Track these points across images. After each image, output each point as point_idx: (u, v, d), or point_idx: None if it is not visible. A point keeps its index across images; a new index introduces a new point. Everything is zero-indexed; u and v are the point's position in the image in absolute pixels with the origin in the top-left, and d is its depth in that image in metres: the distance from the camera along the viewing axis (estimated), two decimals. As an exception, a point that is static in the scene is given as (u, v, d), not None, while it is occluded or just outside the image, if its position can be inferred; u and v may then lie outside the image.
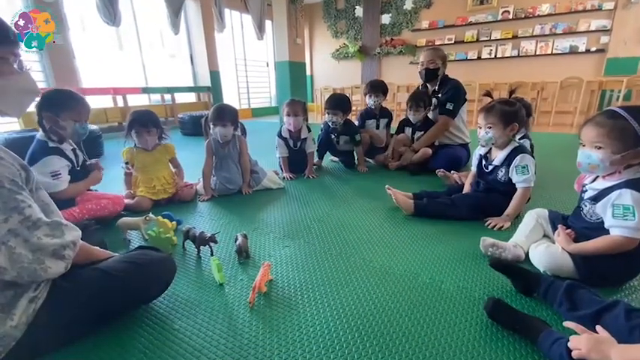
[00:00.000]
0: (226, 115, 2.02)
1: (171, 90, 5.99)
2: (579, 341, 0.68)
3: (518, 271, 1.05)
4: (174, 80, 6.40)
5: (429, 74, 2.49)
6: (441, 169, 2.19)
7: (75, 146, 1.67)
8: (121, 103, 5.21)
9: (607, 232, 1.01)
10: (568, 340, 0.72)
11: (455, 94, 2.45)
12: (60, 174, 1.51)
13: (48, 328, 0.79)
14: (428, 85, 2.59)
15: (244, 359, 0.82)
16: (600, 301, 0.84)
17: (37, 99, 1.26)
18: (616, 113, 0.95)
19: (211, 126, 2.04)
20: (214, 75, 6.76)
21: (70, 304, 0.82)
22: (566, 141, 3.69)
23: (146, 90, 5.77)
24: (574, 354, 0.68)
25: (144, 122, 1.87)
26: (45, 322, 0.77)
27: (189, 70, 6.81)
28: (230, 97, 7.41)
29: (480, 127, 1.56)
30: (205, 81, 6.73)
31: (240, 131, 2.18)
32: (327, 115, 2.58)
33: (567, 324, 0.76)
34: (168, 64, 6.47)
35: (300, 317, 0.97)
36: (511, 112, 1.49)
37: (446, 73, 2.53)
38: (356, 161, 2.77)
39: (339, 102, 2.56)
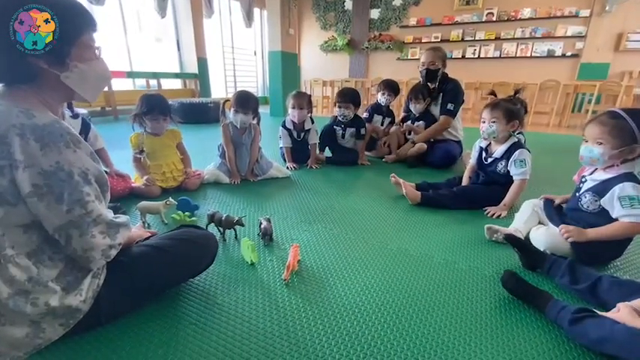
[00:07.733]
0: (251, 104, 2.10)
1: (157, 75, 5.83)
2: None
3: (528, 246, 1.20)
4: (159, 66, 6.22)
5: (430, 74, 2.58)
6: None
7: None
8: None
9: (604, 218, 1.15)
10: (574, 310, 0.86)
11: (455, 95, 2.59)
12: None
13: (108, 300, 0.83)
14: (428, 84, 2.67)
15: (287, 328, 0.91)
16: (596, 274, 1.01)
17: None
18: (617, 114, 1.10)
19: (232, 111, 2.08)
20: (202, 62, 6.62)
21: (126, 278, 0.87)
22: (544, 140, 3.94)
23: (131, 74, 5.59)
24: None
25: (163, 109, 1.86)
26: (105, 295, 0.82)
27: (176, 55, 6.63)
28: (217, 85, 7.29)
29: (484, 122, 1.69)
30: (192, 68, 6.58)
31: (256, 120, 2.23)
32: (338, 109, 2.58)
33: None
34: (154, 49, 6.27)
35: (333, 293, 1.06)
36: (514, 110, 1.65)
37: (445, 72, 2.63)
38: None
39: (351, 96, 2.60)
